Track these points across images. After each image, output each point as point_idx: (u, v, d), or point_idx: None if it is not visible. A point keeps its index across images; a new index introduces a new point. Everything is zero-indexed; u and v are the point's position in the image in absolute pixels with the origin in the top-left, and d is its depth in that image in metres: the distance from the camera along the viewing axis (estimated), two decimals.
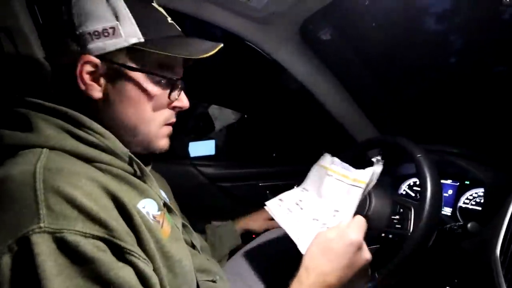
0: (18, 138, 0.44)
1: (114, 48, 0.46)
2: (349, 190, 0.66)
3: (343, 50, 1.10)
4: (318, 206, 0.69)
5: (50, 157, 0.42)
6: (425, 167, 0.64)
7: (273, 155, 1.58)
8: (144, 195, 0.50)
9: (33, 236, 0.35)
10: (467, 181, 0.84)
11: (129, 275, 0.39)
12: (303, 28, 0.95)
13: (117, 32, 0.46)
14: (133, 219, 0.43)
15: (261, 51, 1.01)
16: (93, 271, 0.37)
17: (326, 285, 0.48)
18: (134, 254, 0.41)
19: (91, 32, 0.45)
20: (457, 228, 0.64)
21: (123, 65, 0.48)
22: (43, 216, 0.36)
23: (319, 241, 0.52)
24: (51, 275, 0.35)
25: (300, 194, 0.75)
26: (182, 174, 1.15)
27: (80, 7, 0.46)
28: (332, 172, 0.71)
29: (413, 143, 0.71)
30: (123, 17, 0.46)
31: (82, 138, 0.46)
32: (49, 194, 0.38)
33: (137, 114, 0.50)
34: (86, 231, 0.38)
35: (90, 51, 0.46)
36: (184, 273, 0.50)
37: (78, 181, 0.40)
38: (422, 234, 0.59)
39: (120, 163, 0.49)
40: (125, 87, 0.49)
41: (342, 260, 0.49)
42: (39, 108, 0.46)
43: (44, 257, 0.35)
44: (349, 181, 0.66)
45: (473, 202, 0.83)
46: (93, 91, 0.48)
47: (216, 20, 0.90)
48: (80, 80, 0.47)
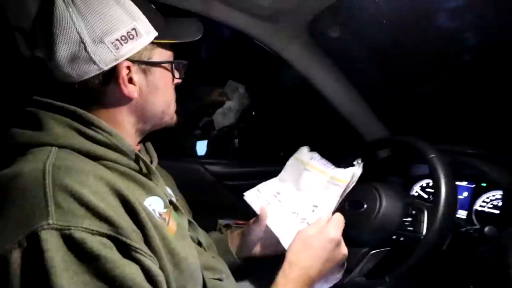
0: (28, 137, 0.46)
1: (141, 47, 0.50)
2: (327, 187, 0.69)
3: (353, 48, 1.08)
4: (296, 200, 0.73)
5: (59, 155, 0.43)
6: (439, 168, 0.62)
7: (281, 154, 1.57)
8: (151, 192, 0.51)
9: (42, 232, 0.36)
10: (484, 183, 0.81)
11: (135, 272, 0.40)
12: (312, 25, 0.93)
13: (139, 32, 0.49)
14: (139, 216, 0.44)
15: (269, 49, 0.99)
16: (99, 268, 0.37)
17: (307, 277, 0.53)
18: (140, 251, 0.41)
19: (119, 38, 0.47)
20: (473, 232, 0.61)
21: (150, 62, 0.52)
22: (52, 213, 0.37)
23: (301, 237, 0.57)
24: (58, 270, 0.35)
25: (278, 186, 0.78)
26: (189, 172, 1.15)
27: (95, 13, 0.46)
28: (310, 168, 0.74)
29: (426, 143, 0.68)
30: (136, 15, 0.49)
31: (90, 136, 0.47)
32: (57, 192, 0.39)
33: (164, 100, 0.56)
34: (93, 229, 0.38)
35: (123, 56, 0.48)
36: (190, 270, 0.51)
37: (86, 179, 0.41)
38: (436, 238, 0.56)
39: (127, 160, 0.50)
40: (155, 80, 0.53)
41: (322, 255, 0.54)
42: (49, 107, 0.48)
43: (52, 253, 0.36)
44: (327, 178, 0.70)
45: (490, 205, 0.80)
46: (133, 92, 0.51)
47: (223, 18, 0.90)
48: (123, 86, 0.50)
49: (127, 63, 0.49)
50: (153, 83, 0.53)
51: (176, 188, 0.73)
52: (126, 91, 0.50)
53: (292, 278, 0.52)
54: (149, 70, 0.52)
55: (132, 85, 0.51)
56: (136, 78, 0.51)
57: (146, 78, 0.52)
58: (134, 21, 0.48)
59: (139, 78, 0.51)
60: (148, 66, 0.52)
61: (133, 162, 0.51)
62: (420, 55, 1.09)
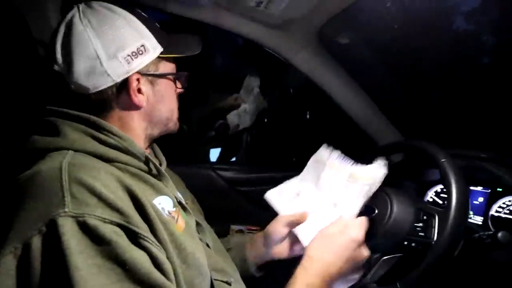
0: (47, 142, 0.50)
1: (149, 61, 0.56)
2: (346, 185, 0.69)
3: (363, 53, 1.08)
4: (316, 199, 0.72)
5: (74, 156, 0.48)
6: (450, 172, 0.61)
7: (293, 160, 1.57)
8: (160, 192, 0.54)
9: (59, 219, 0.40)
10: (500, 188, 0.79)
11: (143, 258, 0.43)
12: (321, 32, 0.95)
13: (147, 47, 0.55)
14: (147, 211, 0.47)
15: (279, 56, 1.01)
16: (110, 251, 0.41)
17: (327, 273, 0.54)
18: (148, 240, 0.44)
19: (130, 54, 0.54)
20: (486, 238, 0.60)
21: (157, 74, 0.58)
22: (68, 202, 0.41)
23: (323, 235, 0.58)
24: (75, 252, 0.39)
25: (299, 186, 0.78)
26: (202, 177, 1.17)
27: (109, 33, 0.53)
28: (330, 166, 0.73)
29: (437, 147, 0.68)
30: (144, 33, 0.55)
31: (103, 141, 0.52)
32: (72, 184, 0.43)
33: (170, 108, 0.61)
34: (105, 217, 0.42)
35: (134, 69, 0.55)
36: (197, 266, 0.53)
37: (98, 174, 0.45)
38: (447, 243, 0.56)
39: (137, 162, 0.53)
40: (161, 91, 0.59)
41: (343, 253, 0.55)
42: (65, 116, 0.53)
43: (68, 236, 0.39)
44: (346, 175, 0.70)
45: (507, 210, 0.77)
46: (142, 101, 0.57)
47: (234, 28, 0.92)
48: (133, 96, 0.55)
49: (136, 75, 0.55)
50: (159, 92, 0.59)
51: (187, 191, 0.76)
52: (136, 100, 0.56)
53: (312, 272, 0.53)
54: (155, 81, 0.58)
55: (141, 94, 0.56)
56: (144, 88, 0.57)
57: (153, 88, 0.58)
58: (143, 38, 0.55)
59: (147, 89, 0.57)
60: (155, 77, 0.58)
61: (144, 164, 0.54)
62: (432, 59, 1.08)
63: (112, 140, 0.52)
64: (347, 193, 0.68)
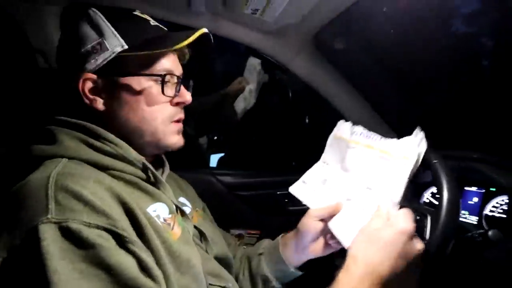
0: (43, 150, 0.51)
1: (105, 60, 0.52)
2: (378, 163, 0.59)
3: (358, 58, 1.10)
4: (346, 183, 0.63)
5: (67, 165, 0.47)
6: (442, 173, 0.62)
7: (293, 164, 1.58)
8: (156, 199, 0.53)
9: (41, 226, 0.39)
10: (493, 188, 0.80)
11: (130, 262, 0.41)
12: (317, 38, 0.97)
13: (104, 46, 0.52)
14: (137, 218, 0.46)
15: (276, 62, 1.03)
16: (95, 256, 0.39)
17: (377, 276, 0.44)
18: (136, 244, 0.43)
19: (84, 52, 0.52)
20: (478, 236, 0.61)
21: (115, 74, 0.53)
22: (51, 209, 0.40)
23: (366, 231, 0.49)
24: (54, 258, 0.37)
25: (324, 172, 0.69)
26: (201, 182, 1.18)
27: (73, 34, 0.54)
28: (354, 144, 0.64)
29: (430, 149, 0.69)
30: (106, 32, 0.53)
31: (98, 148, 0.51)
32: (58, 192, 0.42)
33: (138, 116, 0.54)
34: (90, 221, 0.41)
35: (87, 69, 0.53)
36: (193, 273, 0.52)
37: (86, 183, 0.44)
38: (438, 243, 0.56)
39: (133, 169, 0.53)
40: (122, 94, 0.53)
41: (393, 249, 0.46)
42: (63, 124, 0.53)
43: (48, 241, 0.38)
44: (375, 152, 0.60)
45: (500, 210, 0.78)
46: (97, 103, 0.54)
47: (231, 35, 0.94)
48: (84, 96, 0.53)
49: (90, 75, 0.52)
50: (120, 96, 0.53)
51: (198, 199, 0.75)
52: (88, 102, 0.53)
53: (357, 276, 0.44)
54: (115, 83, 0.53)
55: (97, 97, 0.53)
56: (102, 90, 0.53)
57: (113, 91, 0.53)
58: (101, 37, 0.52)
59: (105, 91, 0.53)
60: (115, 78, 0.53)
61: (140, 171, 0.53)
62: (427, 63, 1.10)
63: (107, 147, 0.51)
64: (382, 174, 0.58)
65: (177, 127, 0.58)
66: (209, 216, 0.77)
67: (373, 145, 0.62)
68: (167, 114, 0.56)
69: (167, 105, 0.56)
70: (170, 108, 0.56)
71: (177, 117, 0.57)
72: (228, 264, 0.69)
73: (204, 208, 0.76)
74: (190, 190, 0.75)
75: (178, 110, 0.57)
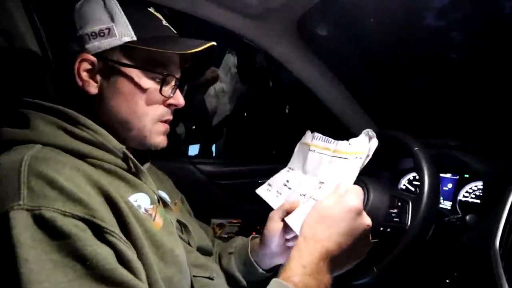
0: (15, 134, 0.47)
1: (109, 46, 0.51)
2: (331, 161, 0.66)
3: (341, 45, 1.10)
4: (304, 182, 0.69)
5: (41, 151, 0.45)
6: (423, 160, 0.64)
7: (273, 152, 1.58)
8: (137, 189, 0.51)
9: (12, 212, 0.37)
10: (467, 175, 0.84)
11: (108, 253, 0.39)
12: (300, 24, 0.95)
13: (112, 32, 0.51)
14: (118, 206, 0.44)
15: (258, 47, 1.01)
16: (69, 246, 0.37)
17: (324, 251, 0.47)
18: (115, 235, 0.41)
19: (89, 33, 0.50)
20: (455, 221, 0.64)
21: (117, 62, 0.51)
22: (23, 195, 0.38)
23: (316, 209, 0.51)
24: (25, 247, 0.35)
25: (287, 175, 0.76)
26: (181, 171, 1.15)
27: (81, 13, 0.52)
28: (314, 147, 0.71)
29: (411, 137, 0.70)
30: (118, 19, 0.51)
31: (76, 135, 0.48)
32: (31, 177, 0.39)
33: (130, 108, 0.53)
34: (66, 210, 0.38)
35: (88, 50, 0.51)
36: (176, 262, 0.51)
37: (62, 169, 0.42)
38: (419, 227, 0.58)
39: (113, 158, 0.50)
40: (119, 83, 0.52)
41: (340, 225, 0.48)
42: (38, 108, 0.50)
43: (19, 230, 0.36)
44: (330, 152, 0.67)
45: (473, 195, 0.82)
46: (90, 87, 0.51)
47: (211, 17, 0.90)
48: (78, 77, 0.51)
49: (89, 57, 0.50)
50: (115, 85, 0.52)
51: (176, 190, 0.73)
52: (81, 83, 0.51)
53: (306, 252, 0.47)
54: (114, 71, 0.52)
55: (91, 80, 0.51)
56: (99, 75, 0.52)
57: (109, 78, 0.52)
58: (112, 22, 0.51)
59: (101, 76, 0.52)
60: (115, 66, 0.51)
61: (121, 160, 0.51)
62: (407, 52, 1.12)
63: (86, 134, 0.49)
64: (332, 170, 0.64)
65: (164, 128, 0.57)
66: (187, 208, 0.76)
67: (328, 147, 0.68)
68: (158, 113, 0.55)
69: (160, 104, 0.55)
70: (162, 108, 0.56)
71: (166, 117, 0.57)
72: (210, 254, 0.69)
73: (182, 199, 0.75)
74: (169, 183, 0.73)
75: (168, 111, 0.57)
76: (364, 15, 1.04)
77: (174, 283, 0.50)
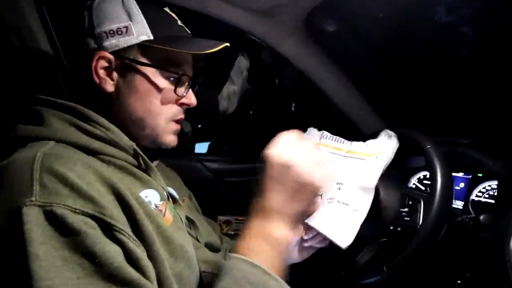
0: (30, 131, 0.48)
1: (126, 44, 0.52)
2: (345, 161, 0.65)
3: (349, 42, 1.08)
4: None
5: (54, 147, 0.45)
6: (435, 158, 0.62)
7: None
8: (147, 185, 0.52)
9: (24, 208, 0.37)
10: (480, 174, 0.82)
11: (116, 251, 0.40)
12: (307, 20, 0.94)
13: (130, 31, 0.51)
14: (129, 204, 0.44)
15: (265, 44, 1.00)
16: (78, 243, 0.38)
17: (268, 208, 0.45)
18: (124, 233, 0.41)
19: (107, 31, 0.51)
20: (468, 221, 0.62)
21: (133, 60, 0.52)
22: (36, 191, 0.38)
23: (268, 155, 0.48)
24: (36, 243, 0.36)
25: None
26: (188, 168, 1.16)
27: (99, 11, 0.52)
28: (323, 146, 0.70)
29: (423, 134, 0.69)
30: (136, 17, 0.52)
31: (88, 131, 0.49)
32: (43, 174, 0.40)
33: (145, 107, 0.54)
34: (76, 207, 0.39)
35: (105, 48, 0.51)
36: (186, 258, 0.51)
37: (74, 166, 0.42)
38: (431, 227, 0.57)
39: (124, 155, 0.51)
40: (135, 81, 0.53)
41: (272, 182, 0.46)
42: (50, 105, 0.51)
43: (31, 225, 0.36)
44: (343, 153, 0.66)
45: (486, 195, 0.80)
46: (106, 84, 0.52)
47: (218, 14, 0.90)
48: (95, 74, 0.52)
49: (107, 55, 0.51)
50: (132, 83, 0.53)
51: (185, 187, 0.74)
52: (98, 80, 0.52)
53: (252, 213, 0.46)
54: (130, 70, 0.53)
55: (108, 78, 0.52)
56: (115, 72, 0.53)
57: (126, 76, 0.53)
58: (130, 21, 0.52)
59: (118, 74, 0.53)
60: (132, 65, 0.52)
61: (132, 157, 0.52)
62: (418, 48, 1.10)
63: (98, 131, 0.50)
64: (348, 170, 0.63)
65: (176, 127, 0.58)
66: (195, 205, 0.76)
67: (340, 147, 0.67)
68: (171, 112, 0.56)
69: (173, 103, 0.56)
70: (175, 107, 0.57)
71: (178, 116, 0.58)
72: (218, 250, 0.70)
73: (190, 196, 0.76)
74: (177, 180, 0.74)
75: (181, 110, 0.58)
76: (374, 11, 1.03)
77: (184, 279, 0.50)
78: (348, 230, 0.57)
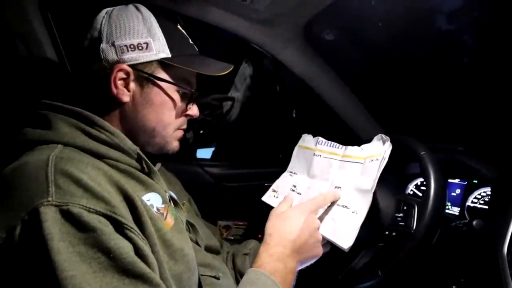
0: (38, 135, 0.50)
1: (145, 60, 0.54)
2: (341, 166, 0.67)
3: (348, 50, 1.10)
4: (314, 187, 0.70)
5: (63, 150, 0.47)
6: (429, 164, 0.64)
7: (280, 156, 1.59)
8: (150, 189, 0.54)
9: (42, 208, 0.39)
10: (475, 180, 0.83)
11: (128, 248, 0.42)
12: (307, 28, 0.96)
13: (150, 47, 0.54)
14: (136, 205, 0.46)
15: (265, 52, 1.02)
16: (94, 239, 0.40)
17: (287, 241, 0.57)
18: (134, 231, 0.44)
19: (128, 45, 0.53)
20: (462, 226, 0.63)
21: (151, 75, 0.55)
22: (52, 192, 0.41)
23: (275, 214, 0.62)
24: (55, 240, 0.38)
25: (291, 179, 0.75)
26: (189, 173, 1.17)
27: (120, 23, 0.54)
28: (319, 152, 0.72)
29: (417, 141, 0.70)
30: (155, 34, 0.55)
31: (94, 136, 0.51)
32: (58, 176, 0.42)
33: (158, 118, 0.57)
34: (90, 206, 0.41)
35: (125, 61, 0.54)
36: (186, 261, 0.53)
37: (85, 168, 0.45)
38: (424, 231, 0.58)
39: (128, 159, 0.53)
40: (151, 94, 0.56)
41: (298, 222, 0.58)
42: (58, 110, 0.53)
43: (49, 223, 0.39)
44: (338, 157, 0.68)
45: (482, 201, 0.81)
46: (123, 95, 0.55)
47: (219, 22, 0.92)
48: (113, 85, 0.54)
49: (125, 67, 0.53)
50: (148, 96, 0.56)
51: (184, 191, 0.76)
52: (115, 91, 0.54)
53: (273, 244, 0.57)
54: (148, 83, 0.55)
55: (125, 89, 0.55)
56: (132, 85, 0.55)
57: (142, 89, 0.55)
58: (150, 37, 0.54)
59: (135, 86, 0.55)
60: (150, 79, 0.55)
61: (135, 161, 0.54)
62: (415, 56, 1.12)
63: (103, 135, 0.52)
64: (344, 174, 0.66)
65: (181, 134, 0.62)
66: (194, 209, 0.78)
67: (336, 152, 0.69)
68: (179, 122, 0.61)
69: (181, 115, 0.61)
70: (183, 118, 0.61)
71: (183, 126, 0.62)
72: (217, 253, 0.71)
73: (189, 200, 0.77)
74: (178, 184, 0.76)
75: (185, 120, 0.62)
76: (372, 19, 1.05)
77: (183, 281, 0.52)
78: (349, 232, 0.58)
